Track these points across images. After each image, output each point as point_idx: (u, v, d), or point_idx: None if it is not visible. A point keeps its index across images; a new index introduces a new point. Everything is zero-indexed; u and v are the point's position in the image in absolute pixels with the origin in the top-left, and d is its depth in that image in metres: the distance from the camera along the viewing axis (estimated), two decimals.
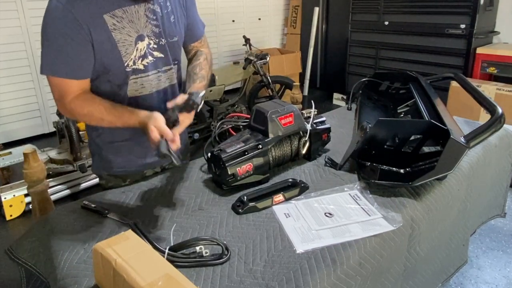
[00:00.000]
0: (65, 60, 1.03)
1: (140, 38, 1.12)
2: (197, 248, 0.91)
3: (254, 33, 5.16)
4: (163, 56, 1.19)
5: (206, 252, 0.91)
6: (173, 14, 1.19)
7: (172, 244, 0.93)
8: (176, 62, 1.27)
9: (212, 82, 3.31)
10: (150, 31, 1.14)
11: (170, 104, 1.05)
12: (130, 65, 1.12)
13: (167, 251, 0.89)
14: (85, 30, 1.01)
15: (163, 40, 1.17)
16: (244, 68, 3.42)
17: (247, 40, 3.80)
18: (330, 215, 1.08)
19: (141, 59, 1.14)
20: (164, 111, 1.05)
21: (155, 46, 1.16)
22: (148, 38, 1.14)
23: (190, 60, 1.35)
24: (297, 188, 1.19)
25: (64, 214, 1.12)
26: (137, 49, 1.12)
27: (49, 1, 1.00)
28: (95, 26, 1.02)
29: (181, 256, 0.90)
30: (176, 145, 0.98)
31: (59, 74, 1.05)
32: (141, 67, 1.15)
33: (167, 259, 0.85)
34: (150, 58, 1.16)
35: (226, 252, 0.91)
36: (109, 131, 1.22)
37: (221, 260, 0.90)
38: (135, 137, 1.24)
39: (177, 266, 0.82)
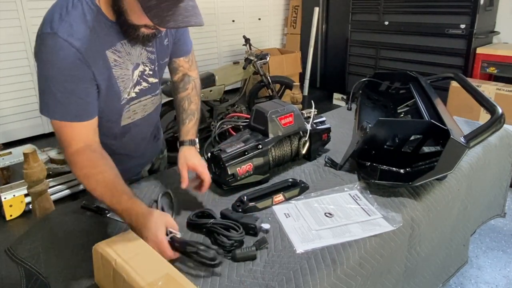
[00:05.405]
0: (74, 104, 0.94)
1: (135, 67, 1.06)
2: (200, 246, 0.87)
3: (254, 33, 5.16)
4: (157, 81, 1.15)
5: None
6: (167, 37, 1.12)
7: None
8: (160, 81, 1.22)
9: (212, 82, 3.31)
10: (146, 58, 1.07)
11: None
12: (125, 97, 1.07)
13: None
14: (90, 69, 0.94)
15: (156, 65, 1.12)
16: (244, 68, 3.42)
17: (247, 40, 3.80)
18: (330, 215, 1.08)
19: (134, 87, 1.08)
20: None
21: (151, 72, 1.11)
22: (143, 65, 1.08)
23: (176, 86, 1.27)
24: (297, 188, 1.19)
25: (64, 214, 1.12)
26: (132, 80, 1.06)
27: (50, 35, 0.87)
28: (97, 64, 0.95)
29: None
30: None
31: (68, 118, 0.94)
32: (134, 94, 1.10)
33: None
34: (144, 84, 1.11)
35: (216, 259, 0.85)
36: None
37: (213, 262, 0.85)
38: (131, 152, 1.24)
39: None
